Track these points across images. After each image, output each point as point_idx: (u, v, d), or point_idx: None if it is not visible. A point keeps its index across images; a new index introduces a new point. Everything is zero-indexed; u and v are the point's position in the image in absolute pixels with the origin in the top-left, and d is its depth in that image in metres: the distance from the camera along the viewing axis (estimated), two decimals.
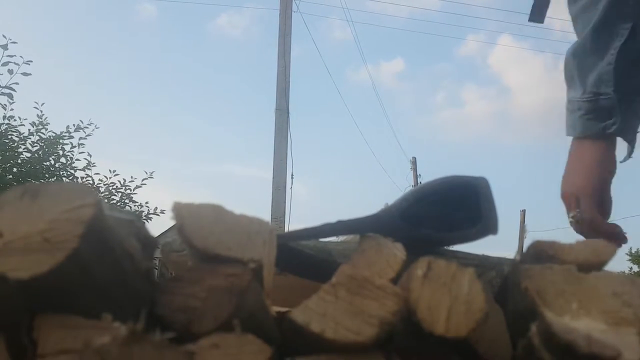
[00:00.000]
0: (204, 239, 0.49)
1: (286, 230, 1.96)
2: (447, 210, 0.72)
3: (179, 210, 0.51)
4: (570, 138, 1.22)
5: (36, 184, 0.35)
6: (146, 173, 8.21)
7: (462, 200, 0.72)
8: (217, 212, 0.52)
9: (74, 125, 7.88)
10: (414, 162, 22.85)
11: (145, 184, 8.20)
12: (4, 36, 6.69)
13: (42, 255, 0.36)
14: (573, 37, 1.25)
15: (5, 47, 6.63)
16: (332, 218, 0.73)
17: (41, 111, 7.76)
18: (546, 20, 1.36)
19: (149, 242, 0.48)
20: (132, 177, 8.21)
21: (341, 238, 0.80)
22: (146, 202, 8.51)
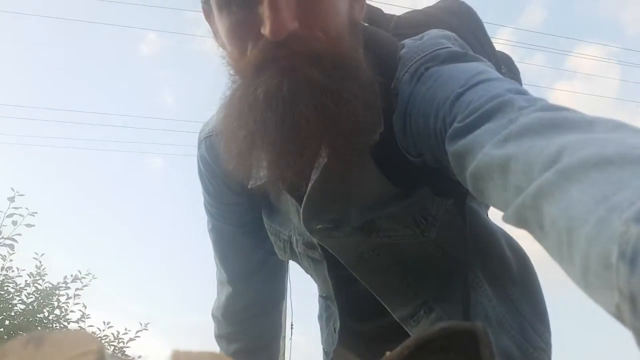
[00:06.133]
0: None
1: None
2: None
3: (178, 358, 0.50)
4: None
5: (40, 331, 0.36)
6: (140, 325, 7.98)
7: None
8: None
9: (71, 275, 7.81)
10: None
11: (139, 337, 7.93)
12: (12, 189, 6.89)
13: None
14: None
15: (12, 199, 6.80)
16: None
17: (40, 262, 7.75)
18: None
19: None
20: (126, 329, 7.96)
21: None
22: (139, 356, 8.17)
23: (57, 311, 7.74)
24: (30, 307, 7.48)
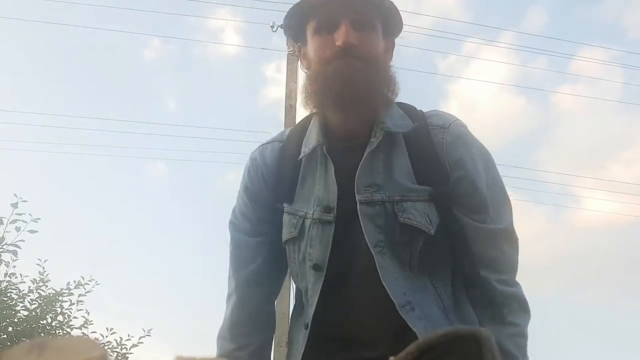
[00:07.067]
0: None
1: None
2: None
3: None
4: None
5: (44, 338, 0.36)
6: (144, 331, 7.98)
7: None
8: None
9: (74, 281, 7.81)
10: None
11: (142, 343, 7.93)
12: (15, 195, 6.89)
13: None
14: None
15: (15, 205, 6.81)
16: None
17: (43, 268, 7.75)
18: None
19: None
20: (129, 336, 7.95)
21: None
22: None
23: (60, 317, 7.74)
24: (33, 313, 7.49)
